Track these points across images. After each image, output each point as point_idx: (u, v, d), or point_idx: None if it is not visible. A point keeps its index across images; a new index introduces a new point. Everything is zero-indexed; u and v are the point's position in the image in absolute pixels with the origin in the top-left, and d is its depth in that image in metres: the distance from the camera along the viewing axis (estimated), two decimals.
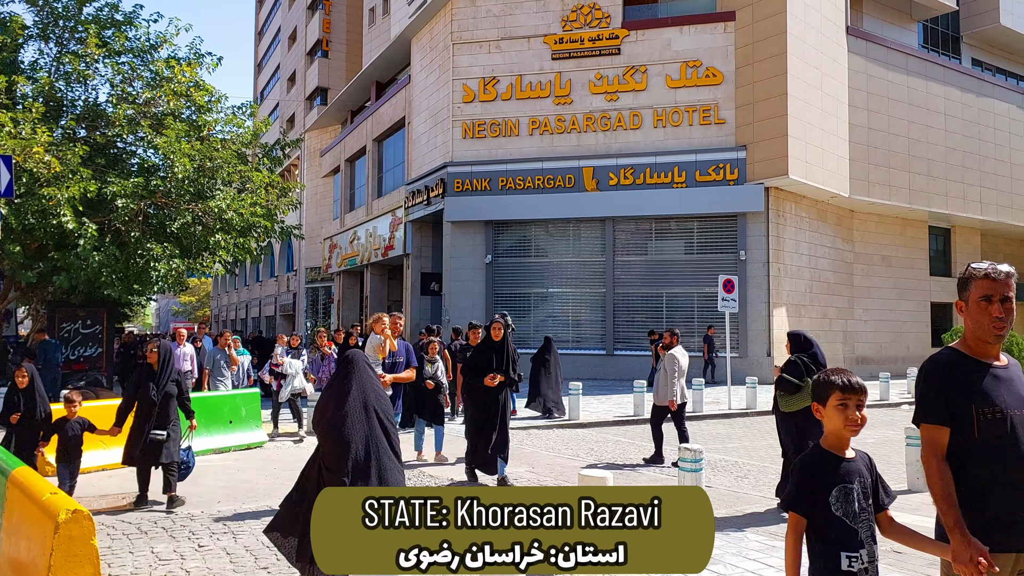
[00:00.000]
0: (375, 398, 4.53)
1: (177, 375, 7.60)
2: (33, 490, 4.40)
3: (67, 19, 15.77)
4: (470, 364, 8.39)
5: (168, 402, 7.39)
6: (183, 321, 78.12)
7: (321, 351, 13.04)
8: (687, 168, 21.41)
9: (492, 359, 8.23)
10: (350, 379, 4.49)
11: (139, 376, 7.55)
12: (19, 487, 4.68)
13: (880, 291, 25.76)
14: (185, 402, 7.70)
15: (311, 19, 46.01)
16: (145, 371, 7.54)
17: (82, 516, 3.95)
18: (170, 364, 7.49)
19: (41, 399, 7.71)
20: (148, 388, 7.31)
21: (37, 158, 12.59)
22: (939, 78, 25.46)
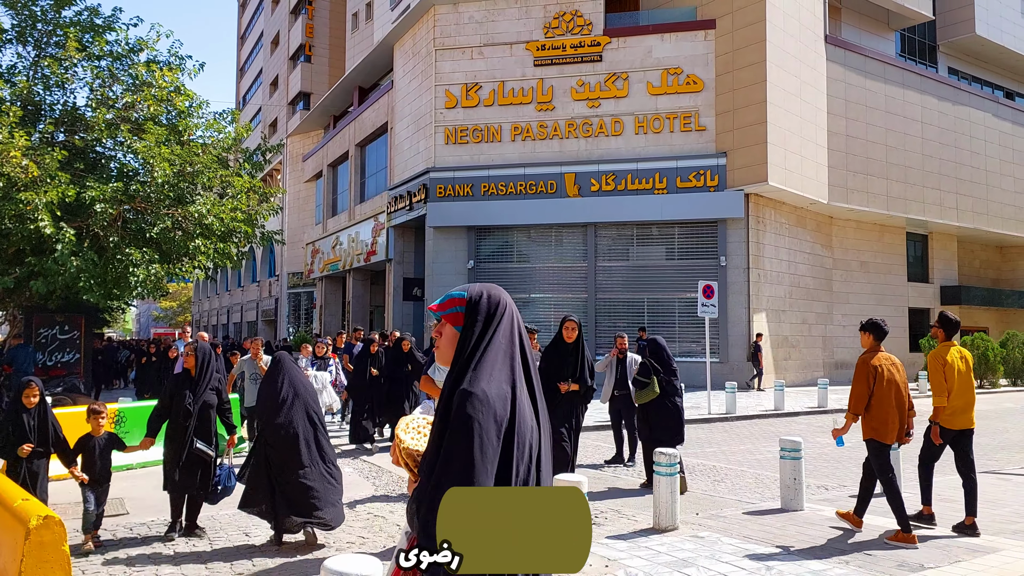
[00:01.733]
0: (303, 389, 6.47)
1: (218, 382, 6.64)
2: (4, 496, 4.38)
3: (46, 22, 15.64)
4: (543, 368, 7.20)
5: (207, 413, 6.49)
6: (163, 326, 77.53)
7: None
8: (668, 174, 21.56)
9: (564, 364, 7.12)
10: (282, 374, 6.45)
11: (175, 384, 6.53)
12: None
13: (859, 297, 26.03)
14: (226, 413, 6.81)
15: (294, 24, 45.92)
16: (182, 378, 6.53)
17: (53, 522, 3.94)
18: (210, 369, 6.56)
19: (53, 420, 6.41)
20: (184, 397, 6.40)
21: (14, 162, 12.48)
22: (916, 86, 25.80)
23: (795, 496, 7.40)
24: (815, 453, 11.36)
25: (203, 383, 6.51)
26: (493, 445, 1.94)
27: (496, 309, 2.16)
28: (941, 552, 5.97)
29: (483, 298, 2.18)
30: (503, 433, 1.97)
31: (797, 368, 23.01)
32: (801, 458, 7.45)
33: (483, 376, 2.02)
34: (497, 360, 2.08)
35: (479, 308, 2.16)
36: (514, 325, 2.16)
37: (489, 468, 1.91)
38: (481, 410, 1.95)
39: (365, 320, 31.45)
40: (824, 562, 5.69)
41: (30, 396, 6.25)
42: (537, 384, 2.14)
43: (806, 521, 6.97)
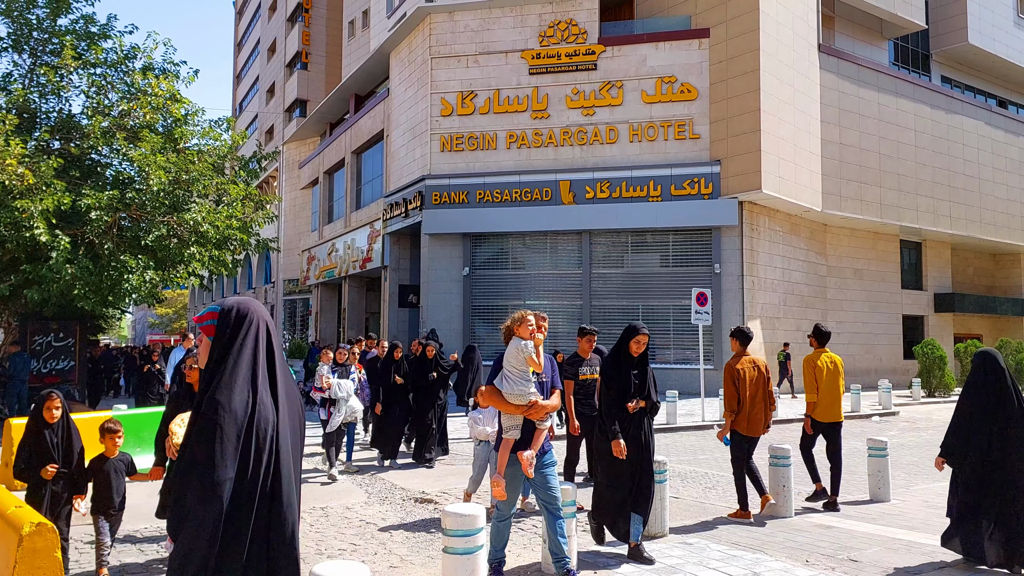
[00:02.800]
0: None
1: None
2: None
3: (42, 30, 15.73)
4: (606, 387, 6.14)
5: None
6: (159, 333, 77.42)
7: None
8: (662, 182, 21.67)
9: (629, 380, 6.08)
10: None
11: (174, 401, 5.87)
12: None
13: (853, 304, 26.13)
14: None
15: (291, 31, 46.06)
16: (182, 393, 5.85)
17: (46, 529, 3.98)
18: None
19: (78, 437, 5.76)
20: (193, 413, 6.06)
21: (10, 170, 12.55)
22: (909, 95, 25.96)
23: (784, 503, 7.45)
24: None
25: None
26: (233, 444, 2.34)
27: (244, 322, 2.49)
28: (925, 557, 6.03)
29: (233, 312, 2.51)
30: (243, 432, 2.36)
31: None
32: (790, 465, 7.51)
33: (228, 383, 2.39)
34: (242, 368, 2.42)
35: (228, 320, 2.49)
36: (260, 336, 2.50)
37: (229, 463, 2.33)
38: (224, 415, 2.34)
39: (360, 327, 31.49)
40: (811, 568, 5.74)
41: (52, 409, 5.59)
42: (284, 383, 2.53)
43: (794, 528, 7.02)
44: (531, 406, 5.12)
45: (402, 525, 7.29)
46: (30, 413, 5.71)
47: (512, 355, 5.24)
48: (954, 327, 30.04)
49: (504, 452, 5.14)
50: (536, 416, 5.12)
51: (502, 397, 5.16)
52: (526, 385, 5.15)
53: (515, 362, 5.20)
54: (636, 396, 6.08)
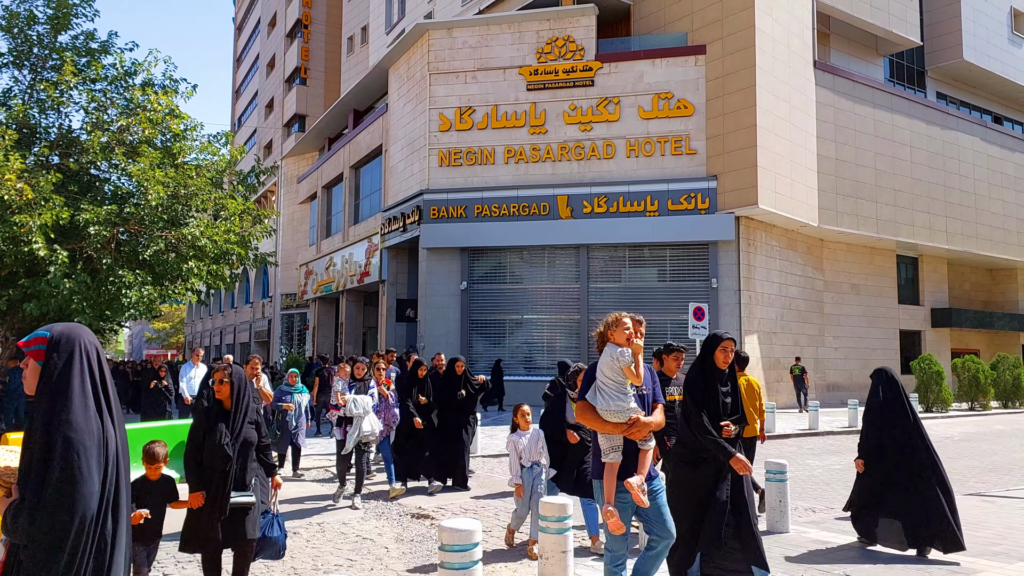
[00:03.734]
0: None
1: (256, 414, 5.33)
2: None
3: (42, 47, 15.81)
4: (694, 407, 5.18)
5: (247, 452, 5.20)
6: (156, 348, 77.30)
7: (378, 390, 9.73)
8: (659, 197, 21.75)
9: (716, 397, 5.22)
10: None
11: (205, 419, 5.19)
12: None
13: (850, 319, 26.18)
14: (266, 451, 5.48)
15: (290, 47, 46.33)
16: (212, 411, 5.19)
17: None
18: (246, 399, 5.25)
19: None
20: (219, 435, 5.03)
21: (9, 185, 12.58)
22: (905, 111, 26.13)
23: (781, 518, 7.45)
24: (803, 475, 11.41)
25: (240, 417, 5.18)
26: (95, 459, 2.49)
27: (73, 348, 2.61)
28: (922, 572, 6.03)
29: (62, 338, 2.62)
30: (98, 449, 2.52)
31: (788, 390, 23.07)
32: (787, 480, 7.51)
33: (73, 405, 2.51)
34: (79, 389, 2.55)
35: (59, 347, 2.61)
36: (93, 360, 2.63)
37: (95, 477, 2.48)
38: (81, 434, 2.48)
39: (358, 342, 31.47)
40: None
41: None
42: (116, 405, 2.67)
43: (791, 543, 7.02)
44: (632, 424, 4.40)
45: (399, 541, 7.28)
46: None
47: (607, 364, 4.52)
48: (951, 342, 30.08)
49: (610, 479, 4.41)
50: (639, 436, 4.41)
51: (597, 414, 4.48)
52: (625, 399, 4.45)
53: (611, 373, 4.50)
54: (730, 417, 5.16)
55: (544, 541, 5.77)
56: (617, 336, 4.57)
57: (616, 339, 4.57)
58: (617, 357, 4.47)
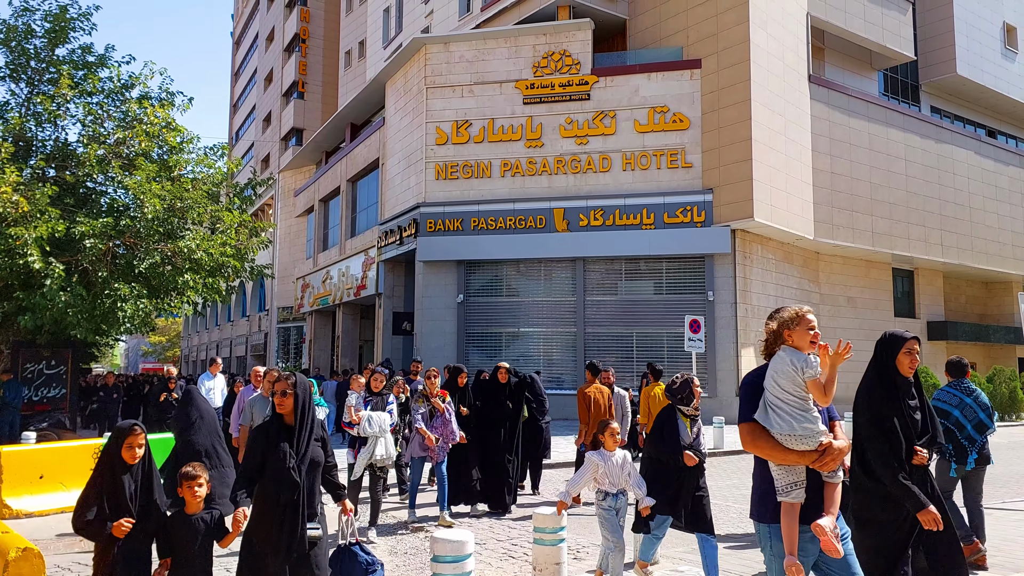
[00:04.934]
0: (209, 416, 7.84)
1: (322, 429, 4.64)
2: None
3: (39, 60, 15.87)
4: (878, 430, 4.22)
5: (314, 475, 4.48)
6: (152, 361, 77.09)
7: (432, 404, 8.77)
8: (655, 210, 21.81)
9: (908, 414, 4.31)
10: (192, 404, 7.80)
11: (263, 437, 4.44)
12: None
13: (846, 332, 26.15)
14: (332, 471, 4.77)
15: (287, 61, 46.52)
16: (273, 428, 4.45)
17: (32, 554, 3.97)
18: (311, 413, 4.53)
19: (158, 483, 4.50)
20: (283, 456, 4.29)
21: (5, 198, 12.59)
22: (899, 125, 26.26)
23: None
24: None
25: (306, 434, 4.43)
26: None
27: None
28: None
29: None
30: None
31: None
32: None
33: None
34: None
35: None
36: None
37: None
38: None
39: (354, 355, 31.42)
40: None
41: (134, 447, 4.30)
42: None
43: None
44: (824, 451, 3.40)
45: (392, 553, 7.24)
46: (103, 450, 4.41)
47: (784, 375, 3.49)
48: (947, 355, 29.98)
49: (792, 522, 3.41)
50: (831, 466, 3.40)
51: (772, 440, 3.46)
52: (811, 420, 3.44)
53: (790, 385, 3.46)
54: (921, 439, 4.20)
55: (538, 554, 5.75)
56: (799, 337, 3.54)
57: (797, 341, 3.54)
58: (800, 366, 3.47)
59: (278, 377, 4.58)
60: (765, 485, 3.54)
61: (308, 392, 4.52)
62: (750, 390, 3.60)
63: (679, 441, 5.91)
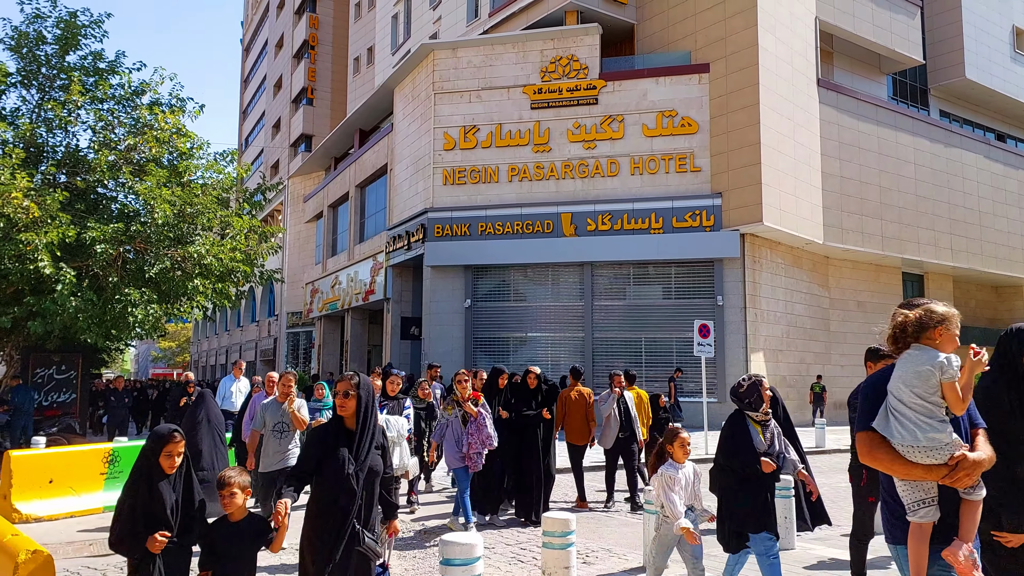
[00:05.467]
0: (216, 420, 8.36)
1: (383, 436, 4.34)
2: None
3: (50, 67, 15.97)
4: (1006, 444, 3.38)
5: (373, 486, 4.15)
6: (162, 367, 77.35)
7: (464, 408, 8.29)
8: (664, 214, 21.78)
9: None
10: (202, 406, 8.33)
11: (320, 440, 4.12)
12: None
13: (856, 336, 26.05)
14: (389, 484, 4.52)
15: (297, 68, 46.72)
16: (332, 431, 4.14)
17: (42, 556, 3.98)
18: (373, 418, 4.20)
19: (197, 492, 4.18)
20: (342, 462, 3.99)
21: (16, 204, 12.66)
22: (908, 129, 26.17)
23: (786, 535, 7.38)
24: None
25: (367, 440, 4.11)
26: None
27: None
28: None
29: None
30: None
31: (794, 408, 22.94)
32: (792, 497, 7.44)
33: None
34: None
35: None
36: None
37: None
38: None
39: (363, 360, 31.46)
40: None
41: (173, 454, 4.00)
42: None
43: (796, 560, 6.95)
44: (958, 465, 2.95)
45: (401, 557, 7.23)
46: (139, 460, 4.03)
47: (916, 376, 3.06)
48: None
49: (922, 546, 3.01)
50: (966, 482, 2.96)
51: (894, 452, 3.06)
52: (942, 429, 3.00)
53: (921, 387, 3.04)
54: None
55: (547, 558, 5.73)
56: (947, 339, 3.11)
57: (943, 342, 3.11)
58: (936, 367, 3.03)
59: (340, 377, 4.22)
60: (893, 502, 3.14)
61: (372, 394, 4.20)
62: (872, 393, 3.23)
63: (754, 449, 5.33)
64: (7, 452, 9.61)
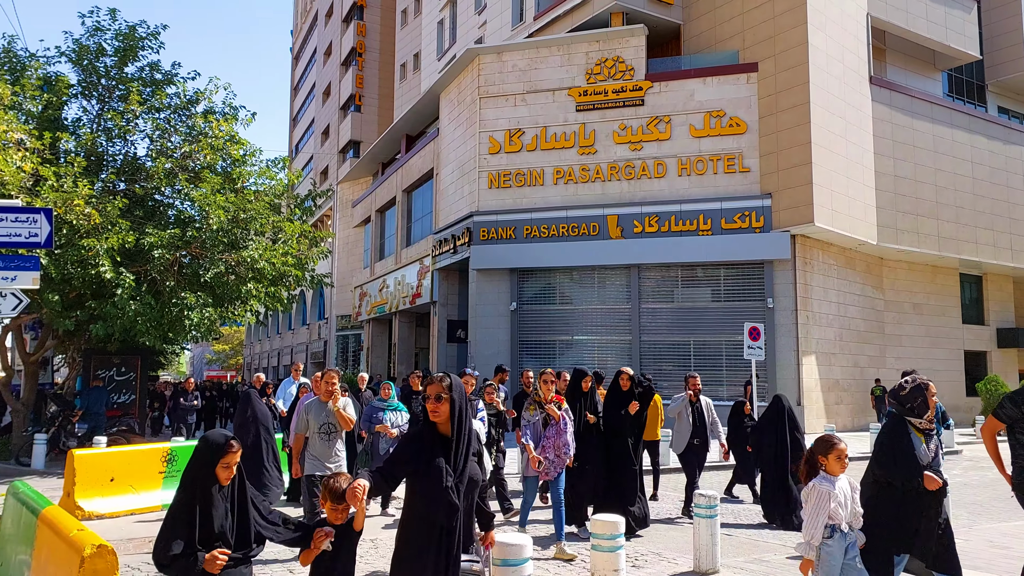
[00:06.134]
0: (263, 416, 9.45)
1: (478, 442, 4.11)
2: (61, 527, 4.58)
3: (109, 78, 16.51)
4: None
5: (472, 497, 3.77)
6: (216, 369, 79.06)
7: (547, 412, 7.66)
8: (712, 216, 21.54)
9: None
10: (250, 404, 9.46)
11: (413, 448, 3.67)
12: (48, 525, 4.86)
13: (912, 339, 25.44)
14: (485, 496, 4.15)
15: (345, 75, 47.40)
16: (426, 439, 3.69)
17: (106, 551, 4.11)
18: (469, 423, 3.78)
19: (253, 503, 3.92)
20: (439, 474, 3.56)
21: (78, 210, 13.11)
22: (965, 126, 25.46)
23: None
24: None
25: (463, 448, 3.69)
26: None
27: None
28: None
29: None
30: None
31: (848, 413, 22.48)
32: None
33: None
34: None
35: None
36: None
37: None
38: None
39: (410, 362, 31.73)
40: None
41: (230, 464, 3.74)
42: None
43: None
44: None
45: None
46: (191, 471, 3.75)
47: None
48: (1019, 363, 28.96)
49: None
50: None
51: None
52: None
53: None
54: None
55: (596, 560, 5.73)
56: None
57: None
58: None
59: (430, 379, 3.78)
60: None
61: (465, 397, 3.76)
62: None
63: (916, 461, 4.76)
64: (71, 451, 9.95)
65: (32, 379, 16.85)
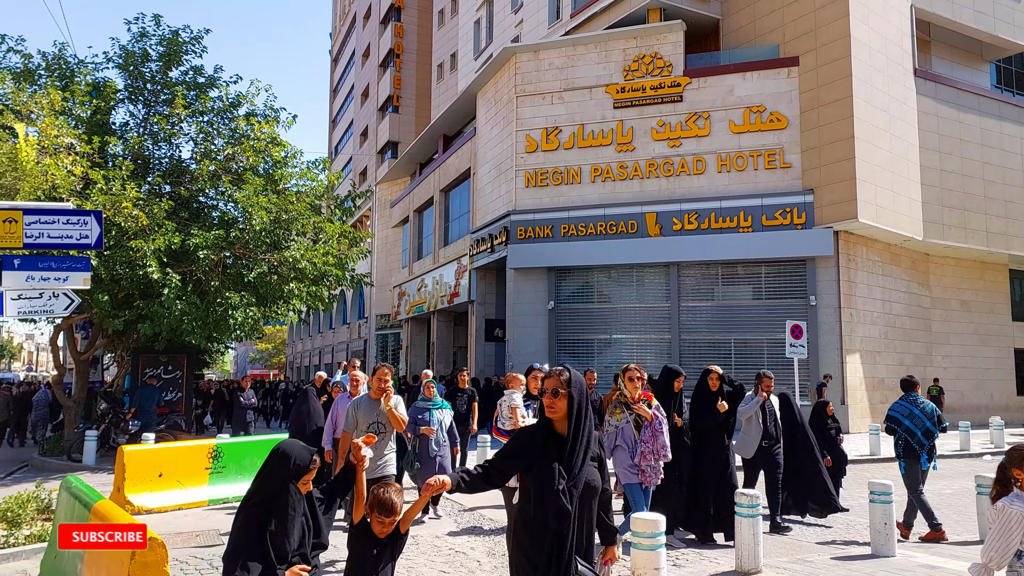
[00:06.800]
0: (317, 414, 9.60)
1: (599, 445, 3.49)
2: (112, 519, 4.71)
3: (154, 83, 16.89)
4: None
5: (591, 503, 3.36)
6: (259, 368, 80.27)
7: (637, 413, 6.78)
8: (753, 212, 21.28)
9: None
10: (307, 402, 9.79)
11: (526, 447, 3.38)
12: (100, 519, 5.01)
13: (960, 337, 24.85)
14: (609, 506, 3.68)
15: (382, 76, 47.79)
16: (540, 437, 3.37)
17: (156, 544, 4.23)
18: (588, 423, 3.38)
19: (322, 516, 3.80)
20: (551, 475, 3.23)
21: (126, 213, 13.45)
22: (1014, 118, 24.81)
23: (886, 541, 7.12)
24: None
25: (581, 449, 3.32)
26: None
27: None
28: None
29: None
30: None
31: None
32: (892, 502, 7.18)
33: None
34: None
35: None
36: None
37: None
38: None
39: (448, 361, 31.90)
40: None
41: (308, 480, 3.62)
42: None
43: (897, 567, 6.69)
44: None
45: (490, 555, 7.33)
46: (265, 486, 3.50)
47: None
48: None
49: None
50: None
51: None
52: None
53: None
54: None
55: (637, 558, 5.71)
56: None
57: None
58: None
59: (548, 373, 3.44)
60: None
61: (585, 394, 3.40)
62: None
63: None
64: (121, 447, 10.21)
65: (83, 377, 17.31)
